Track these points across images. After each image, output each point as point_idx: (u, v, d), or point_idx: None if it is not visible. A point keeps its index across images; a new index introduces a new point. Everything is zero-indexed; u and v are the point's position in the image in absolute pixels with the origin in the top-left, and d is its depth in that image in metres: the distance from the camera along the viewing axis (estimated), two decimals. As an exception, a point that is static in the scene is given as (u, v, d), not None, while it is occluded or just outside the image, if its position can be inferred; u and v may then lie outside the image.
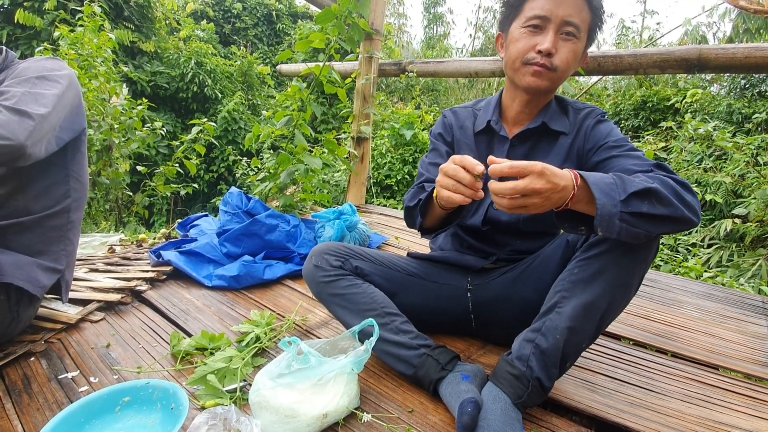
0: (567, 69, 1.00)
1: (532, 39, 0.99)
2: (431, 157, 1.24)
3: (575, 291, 0.88)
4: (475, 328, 1.22)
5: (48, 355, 1.14)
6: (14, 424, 0.88)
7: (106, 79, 3.35)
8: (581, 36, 0.98)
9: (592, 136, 1.07)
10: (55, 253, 1.16)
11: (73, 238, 1.22)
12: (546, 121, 1.09)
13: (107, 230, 3.39)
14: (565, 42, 0.97)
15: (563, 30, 0.96)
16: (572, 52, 0.98)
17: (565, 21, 0.95)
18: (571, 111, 1.12)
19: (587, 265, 0.89)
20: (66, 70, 1.10)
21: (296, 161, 2.28)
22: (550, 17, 0.96)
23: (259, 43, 10.07)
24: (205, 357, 1.12)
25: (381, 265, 1.19)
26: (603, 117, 1.09)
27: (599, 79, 7.00)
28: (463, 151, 1.20)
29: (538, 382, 0.88)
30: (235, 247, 1.81)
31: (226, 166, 6.93)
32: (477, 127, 1.18)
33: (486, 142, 1.18)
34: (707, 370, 1.21)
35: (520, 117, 1.13)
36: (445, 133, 1.24)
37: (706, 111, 5.85)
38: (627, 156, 0.97)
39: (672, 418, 0.98)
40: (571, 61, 0.99)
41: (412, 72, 3.19)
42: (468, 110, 1.24)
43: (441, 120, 1.27)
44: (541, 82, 1.01)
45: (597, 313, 0.88)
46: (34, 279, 1.09)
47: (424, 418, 0.94)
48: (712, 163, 4.74)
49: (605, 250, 0.88)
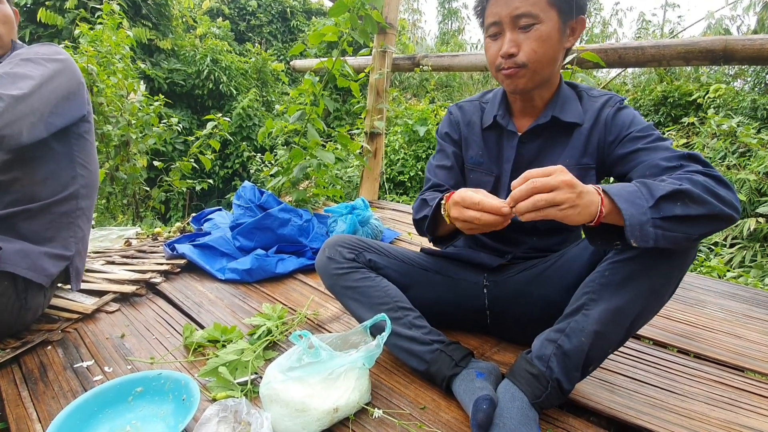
0: (540, 58, 0.93)
1: (495, 46, 0.97)
2: (438, 158, 1.19)
3: (604, 294, 0.83)
4: (490, 325, 1.19)
5: (64, 344, 1.15)
6: (29, 411, 0.89)
7: (124, 76, 3.41)
8: (544, 17, 0.91)
9: (613, 126, 0.99)
10: (64, 240, 1.16)
11: (83, 226, 1.22)
12: (556, 114, 1.02)
13: (124, 224, 3.45)
14: (526, 34, 0.92)
15: (518, 25, 0.92)
16: (537, 39, 0.92)
17: (514, 16, 0.91)
18: (587, 99, 1.05)
19: (619, 268, 0.84)
20: (60, 55, 1.08)
21: (309, 156, 2.28)
22: (500, 21, 0.93)
23: (274, 40, 10.13)
24: (217, 349, 1.12)
25: (395, 259, 1.17)
26: (622, 104, 1.01)
27: (618, 74, 6.84)
28: (472, 149, 1.16)
29: (558, 384, 0.85)
30: (247, 241, 1.81)
31: (241, 163, 7.00)
32: (485, 123, 1.13)
33: (495, 138, 1.13)
34: (732, 372, 1.17)
35: (527, 109, 1.07)
36: (452, 131, 1.19)
37: (730, 106, 5.67)
38: (654, 149, 0.90)
39: (695, 421, 0.94)
40: (540, 48, 0.92)
41: (427, 66, 3.16)
42: (475, 104, 1.18)
43: (447, 117, 1.22)
44: (518, 82, 0.97)
45: (627, 319, 0.83)
46: (39, 267, 1.09)
47: (436, 415, 0.92)
48: (735, 160, 4.59)
49: (640, 254, 0.83)
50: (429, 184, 1.16)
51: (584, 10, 0.95)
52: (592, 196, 0.72)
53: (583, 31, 0.97)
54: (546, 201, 0.69)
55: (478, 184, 1.13)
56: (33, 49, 1.08)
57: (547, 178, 0.70)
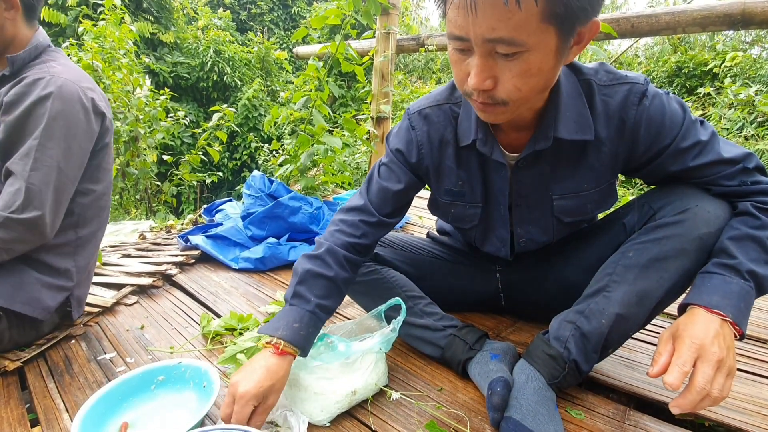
0: (525, 95, 0.66)
1: (462, 63, 0.67)
2: (385, 175, 0.93)
3: (628, 276, 0.79)
4: (505, 307, 1.18)
5: (87, 338, 1.18)
6: (57, 402, 0.92)
7: (129, 71, 3.41)
8: (534, 43, 0.61)
9: (644, 134, 0.78)
10: (65, 271, 1.11)
11: (85, 254, 1.15)
12: (559, 135, 0.78)
13: (138, 218, 3.50)
14: (508, 63, 0.63)
15: (492, 50, 0.62)
16: (523, 74, 0.64)
17: (487, 39, 0.61)
18: (599, 96, 0.79)
19: (646, 249, 0.79)
20: (48, 89, 0.98)
21: (316, 142, 2.27)
22: (468, 38, 0.62)
23: (276, 28, 10.04)
24: (235, 337, 1.14)
25: (402, 250, 1.16)
26: (646, 93, 0.77)
27: (630, 46, 6.63)
28: (448, 179, 0.91)
29: (575, 365, 0.83)
30: (259, 230, 1.82)
31: (249, 153, 7.02)
32: (461, 140, 0.87)
33: (477, 160, 0.88)
34: (756, 345, 1.14)
35: (515, 122, 0.81)
36: (410, 152, 0.91)
37: (747, 75, 5.46)
38: (700, 167, 0.78)
39: (718, 395, 0.92)
40: (526, 84, 0.65)
41: (432, 46, 3.09)
42: (444, 110, 0.89)
43: (405, 129, 0.92)
44: (495, 118, 0.72)
45: (651, 302, 0.79)
46: (35, 300, 1.05)
47: (453, 396, 0.92)
48: (753, 131, 4.44)
49: (670, 236, 0.77)
50: (359, 203, 0.94)
51: (598, 11, 0.64)
52: (731, 339, 0.69)
53: (594, 36, 0.67)
54: (717, 401, 0.65)
55: (461, 218, 0.97)
56: (24, 103, 0.98)
57: (722, 390, 0.64)
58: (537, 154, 0.83)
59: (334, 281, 0.87)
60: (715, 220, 0.77)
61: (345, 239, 0.91)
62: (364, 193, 0.96)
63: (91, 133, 1.08)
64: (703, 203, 0.78)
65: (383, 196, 0.94)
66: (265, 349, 0.79)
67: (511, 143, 0.85)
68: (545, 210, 0.91)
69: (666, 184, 0.86)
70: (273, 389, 0.76)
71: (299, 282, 0.86)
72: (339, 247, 0.90)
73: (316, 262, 0.88)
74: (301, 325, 0.81)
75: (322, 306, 0.85)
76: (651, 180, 0.89)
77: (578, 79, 0.80)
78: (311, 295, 0.85)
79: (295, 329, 0.80)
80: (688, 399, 0.64)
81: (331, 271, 0.87)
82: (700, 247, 0.77)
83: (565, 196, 0.88)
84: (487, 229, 0.98)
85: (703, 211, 0.78)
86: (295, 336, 0.80)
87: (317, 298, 0.85)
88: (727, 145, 0.79)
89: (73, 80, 1.03)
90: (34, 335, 1.12)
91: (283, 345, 0.78)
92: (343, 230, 0.92)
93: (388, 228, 0.96)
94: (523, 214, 0.93)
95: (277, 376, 0.76)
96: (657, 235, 0.79)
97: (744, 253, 0.72)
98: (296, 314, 0.82)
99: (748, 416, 0.85)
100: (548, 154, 0.83)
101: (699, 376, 0.64)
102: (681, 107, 0.79)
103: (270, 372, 0.75)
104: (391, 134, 0.97)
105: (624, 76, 0.80)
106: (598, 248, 0.94)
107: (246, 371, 0.76)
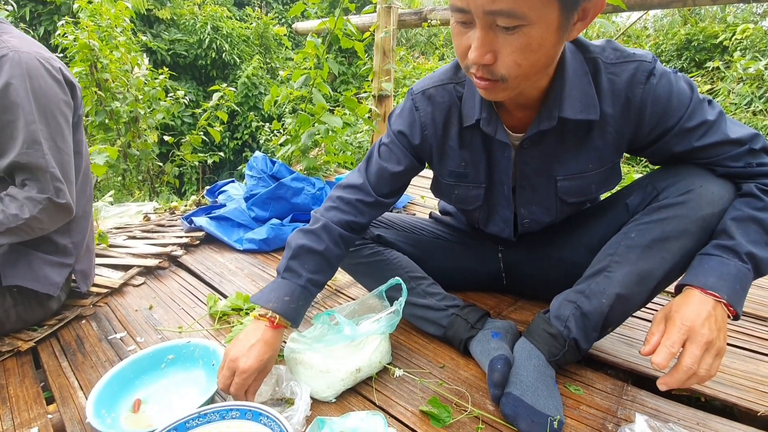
0: (526, 72, 0.66)
1: (464, 36, 0.67)
2: (385, 156, 0.94)
3: (630, 256, 0.80)
4: (507, 286, 1.20)
5: (97, 318, 1.21)
6: (71, 380, 0.95)
7: (127, 50, 3.35)
8: (535, 17, 0.60)
9: (650, 113, 0.77)
10: (64, 247, 1.13)
11: (79, 229, 1.17)
12: (564, 114, 0.77)
13: (141, 200, 3.51)
14: (508, 36, 0.62)
15: (493, 22, 0.62)
16: (523, 49, 0.63)
17: (488, 12, 0.60)
18: (605, 74, 0.78)
19: (649, 229, 0.79)
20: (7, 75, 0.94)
21: (316, 122, 2.25)
22: (469, 9, 0.62)
23: (274, 3, 9.76)
24: (241, 317, 1.16)
25: (405, 231, 1.16)
26: (654, 71, 0.76)
27: (638, 18, 6.44)
28: (451, 161, 0.91)
29: (575, 343, 0.85)
30: (262, 211, 1.83)
31: (250, 133, 6.96)
32: (465, 121, 0.86)
33: (481, 140, 0.88)
34: (754, 322, 1.16)
35: (519, 101, 0.81)
36: (413, 134, 0.91)
37: (758, 48, 5.31)
38: (705, 147, 0.77)
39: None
40: (527, 59, 0.64)
41: (435, 20, 3.02)
42: (448, 90, 0.88)
43: (409, 110, 0.92)
44: (496, 95, 0.71)
45: (652, 282, 0.80)
46: (43, 278, 1.09)
47: (455, 373, 0.94)
48: (762, 106, 4.36)
49: (673, 216, 0.77)
50: (357, 181, 0.94)
51: None
52: (723, 321, 0.69)
53: (600, 11, 0.65)
54: (703, 379, 0.67)
55: (465, 199, 0.97)
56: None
57: (710, 369, 0.66)
58: (541, 134, 0.82)
59: (327, 257, 0.91)
60: (719, 201, 0.77)
61: (342, 217, 0.93)
62: (362, 171, 0.97)
63: (69, 104, 1.08)
64: (707, 184, 0.78)
65: (382, 176, 0.95)
66: (259, 322, 0.83)
67: (516, 123, 0.85)
68: (549, 191, 0.91)
69: (671, 164, 0.85)
70: (271, 360, 0.82)
71: (292, 257, 0.89)
72: (335, 224, 0.92)
73: (311, 237, 0.90)
74: (292, 299, 0.86)
75: (314, 281, 0.89)
76: (656, 159, 0.88)
77: (585, 57, 0.78)
78: (303, 270, 0.88)
79: (286, 302, 0.85)
80: (675, 377, 0.67)
81: (324, 248, 0.90)
82: (702, 228, 0.77)
83: (570, 176, 0.88)
84: (490, 209, 0.99)
85: (707, 191, 0.77)
86: (287, 310, 0.85)
87: (309, 273, 0.88)
88: (734, 125, 0.78)
89: (33, 52, 1.00)
90: (42, 312, 1.15)
91: (278, 319, 0.83)
92: (339, 207, 0.94)
93: (385, 208, 0.98)
94: (527, 195, 0.93)
95: (273, 348, 0.82)
96: (660, 215, 0.79)
97: (744, 234, 0.72)
98: (288, 288, 0.87)
99: (744, 392, 0.87)
100: (553, 134, 0.83)
101: (687, 356, 0.66)
102: (689, 86, 0.77)
103: (267, 345, 0.81)
104: (394, 114, 0.96)
105: (631, 54, 0.78)
106: (601, 228, 0.95)
107: (242, 345, 0.80)
